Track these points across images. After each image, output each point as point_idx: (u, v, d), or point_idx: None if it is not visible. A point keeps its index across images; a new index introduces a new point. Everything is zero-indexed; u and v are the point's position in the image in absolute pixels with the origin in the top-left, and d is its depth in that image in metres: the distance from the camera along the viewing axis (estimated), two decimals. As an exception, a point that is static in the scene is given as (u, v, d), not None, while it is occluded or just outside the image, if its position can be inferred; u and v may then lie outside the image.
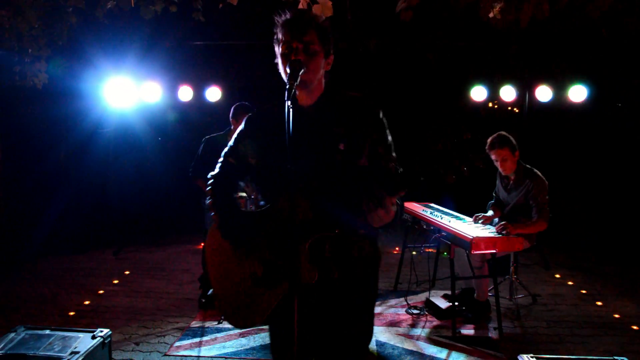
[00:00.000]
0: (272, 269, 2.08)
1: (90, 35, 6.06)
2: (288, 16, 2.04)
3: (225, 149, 2.31)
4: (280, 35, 2.05)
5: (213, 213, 2.22)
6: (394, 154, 2.13)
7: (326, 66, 2.11)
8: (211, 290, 5.17)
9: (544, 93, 7.27)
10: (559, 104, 7.44)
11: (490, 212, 4.77)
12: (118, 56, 6.81)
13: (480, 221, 4.62)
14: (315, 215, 1.97)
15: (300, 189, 1.86)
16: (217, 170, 2.30)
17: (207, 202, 2.26)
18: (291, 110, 1.77)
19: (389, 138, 2.13)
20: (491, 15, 4.53)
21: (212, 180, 2.28)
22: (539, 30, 5.96)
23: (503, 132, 4.65)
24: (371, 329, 2.27)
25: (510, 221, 4.41)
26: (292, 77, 1.88)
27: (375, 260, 2.18)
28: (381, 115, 2.12)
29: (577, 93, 7.11)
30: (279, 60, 2.08)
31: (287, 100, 1.77)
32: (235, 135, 2.28)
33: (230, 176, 2.30)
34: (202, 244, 5.13)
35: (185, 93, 7.60)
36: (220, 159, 2.31)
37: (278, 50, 2.07)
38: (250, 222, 2.17)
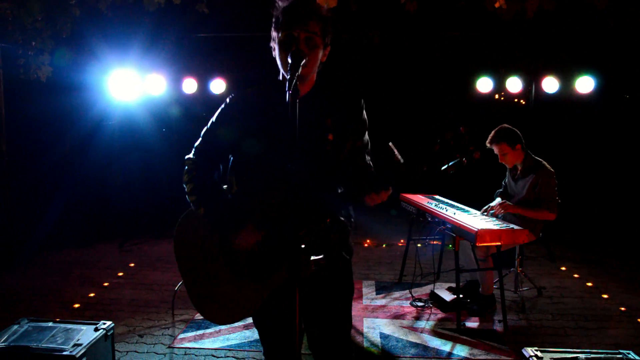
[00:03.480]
0: (261, 261, 2.03)
1: (94, 27, 6.05)
2: (292, 1, 1.98)
3: (204, 130, 2.20)
4: (281, 20, 1.99)
5: (193, 197, 2.12)
6: (369, 150, 2.18)
7: (322, 58, 2.07)
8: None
9: (550, 84, 7.21)
10: (566, 96, 7.38)
11: (497, 200, 4.75)
12: (122, 48, 6.79)
13: (486, 214, 4.58)
14: (307, 206, 1.92)
15: (294, 180, 1.83)
16: (194, 153, 2.20)
17: (185, 186, 2.14)
18: (292, 101, 1.73)
19: (366, 137, 2.17)
20: (497, 5, 4.50)
21: (190, 164, 2.18)
22: (545, 21, 5.89)
23: (505, 126, 4.59)
24: (350, 319, 2.29)
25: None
26: (294, 67, 1.81)
27: (352, 249, 2.22)
28: (364, 114, 2.14)
29: (584, 84, 7.05)
30: (275, 45, 2.04)
31: (289, 90, 1.73)
32: (216, 116, 2.18)
33: (210, 158, 2.18)
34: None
35: (190, 85, 7.60)
36: (198, 142, 2.20)
37: (276, 34, 2.02)
38: (237, 210, 2.07)
